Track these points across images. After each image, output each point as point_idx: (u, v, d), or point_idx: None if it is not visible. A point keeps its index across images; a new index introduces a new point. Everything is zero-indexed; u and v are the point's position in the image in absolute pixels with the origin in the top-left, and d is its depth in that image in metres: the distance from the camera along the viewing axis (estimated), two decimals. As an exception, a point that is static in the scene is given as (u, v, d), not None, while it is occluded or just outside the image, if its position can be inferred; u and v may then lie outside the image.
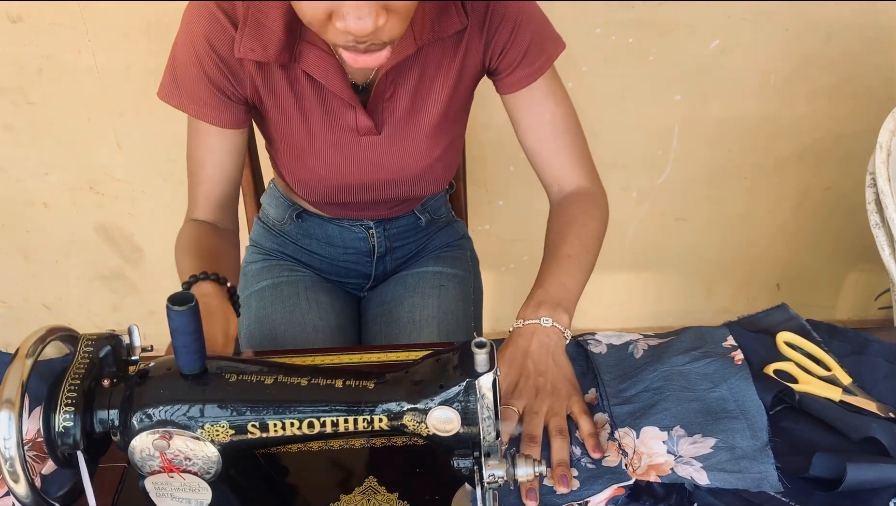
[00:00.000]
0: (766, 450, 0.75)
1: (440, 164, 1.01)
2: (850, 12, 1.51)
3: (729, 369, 0.83)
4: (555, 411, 0.79)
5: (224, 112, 0.92)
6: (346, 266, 1.19)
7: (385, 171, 1.00)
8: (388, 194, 1.04)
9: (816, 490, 0.73)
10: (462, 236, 1.27)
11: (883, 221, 1.14)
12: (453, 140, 1.02)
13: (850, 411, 0.81)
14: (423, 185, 1.03)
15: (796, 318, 0.93)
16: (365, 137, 0.96)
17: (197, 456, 0.64)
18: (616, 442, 0.77)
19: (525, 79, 0.94)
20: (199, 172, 0.97)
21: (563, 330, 0.85)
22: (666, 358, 0.85)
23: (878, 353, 0.87)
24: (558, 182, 0.99)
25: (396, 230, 1.17)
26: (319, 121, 0.94)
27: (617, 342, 0.90)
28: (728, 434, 0.76)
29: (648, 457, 0.75)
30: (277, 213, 1.18)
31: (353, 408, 0.64)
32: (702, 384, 0.82)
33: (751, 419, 0.77)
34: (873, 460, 0.73)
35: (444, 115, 0.97)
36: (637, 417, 0.79)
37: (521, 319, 0.86)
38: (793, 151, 1.70)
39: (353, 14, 0.69)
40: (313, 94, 0.92)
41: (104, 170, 1.67)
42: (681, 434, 0.77)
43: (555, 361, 0.83)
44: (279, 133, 0.97)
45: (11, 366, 0.60)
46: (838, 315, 1.98)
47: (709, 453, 0.75)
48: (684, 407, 0.79)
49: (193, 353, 0.63)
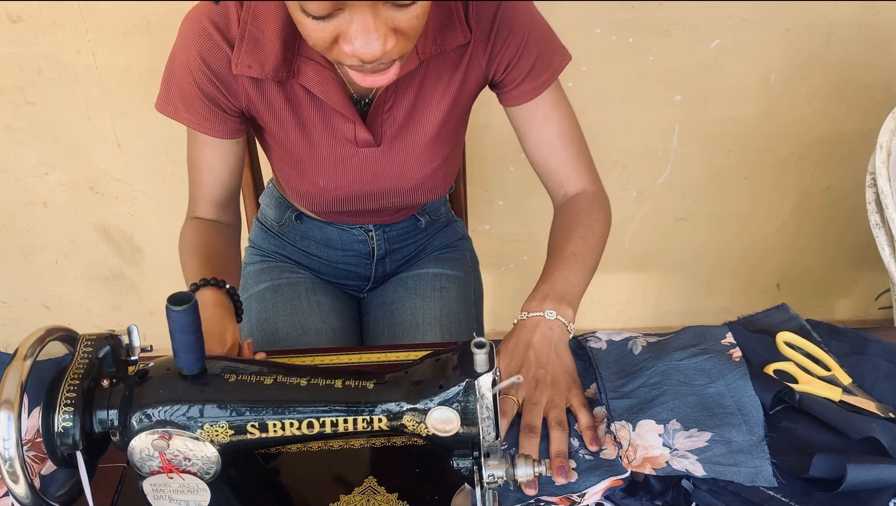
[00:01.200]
0: (762, 445, 0.75)
1: (439, 173, 1.01)
2: (851, 12, 1.51)
3: (726, 366, 0.83)
4: (554, 402, 0.79)
5: (219, 123, 0.93)
6: (346, 268, 1.19)
7: (384, 181, 0.99)
8: (387, 203, 1.04)
9: (817, 491, 0.73)
10: (462, 237, 1.26)
11: (883, 221, 1.14)
12: (453, 150, 1.02)
13: (849, 411, 0.81)
14: (423, 194, 1.03)
15: (796, 318, 0.93)
16: (364, 149, 0.96)
17: (196, 456, 0.64)
18: (612, 435, 0.77)
19: (531, 92, 0.94)
20: (198, 176, 0.98)
21: (566, 323, 0.85)
22: (664, 354, 0.85)
23: (878, 353, 0.87)
24: (564, 188, 1.00)
25: (396, 233, 1.17)
26: (318, 133, 0.94)
27: (617, 339, 0.90)
28: (724, 429, 0.76)
29: (644, 450, 0.75)
30: (276, 214, 1.18)
31: (352, 408, 0.64)
32: (699, 379, 0.82)
33: (747, 415, 0.78)
34: (873, 461, 0.73)
35: (444, 127, 0.96)
36: (634, 411, 0.79)
37: (525, 312, 0.86)
38: (792, 151, 1.70)
39: (362, 38, 0.69)
40: (311, 107, 0.92)
41: (104, 170, 1.67)
42: (677, 428, 0.77)
43: (556, 353, 0.83)
44: (277, 145, 0.97)
45: (10, 366, 0.60)
46: (838, 315, 1.98)
47: (704, 446, 0.75)
48: (681, 401, 0.79)
49: (193, 353, 0.63)
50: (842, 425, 0.78)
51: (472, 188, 1.70)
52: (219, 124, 0.93)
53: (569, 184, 0.99)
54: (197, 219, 1.00)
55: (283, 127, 0.94)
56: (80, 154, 1.64)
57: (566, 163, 0.98)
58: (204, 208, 1.00)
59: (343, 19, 0.69)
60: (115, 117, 1.59)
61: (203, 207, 1.00)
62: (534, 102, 0.95)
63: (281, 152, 0.98)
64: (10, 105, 1.56)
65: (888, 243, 1.14)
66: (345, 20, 0.69)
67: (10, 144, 1.62)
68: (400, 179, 1.00)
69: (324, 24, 0.69)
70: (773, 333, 0.90)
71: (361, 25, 0.68)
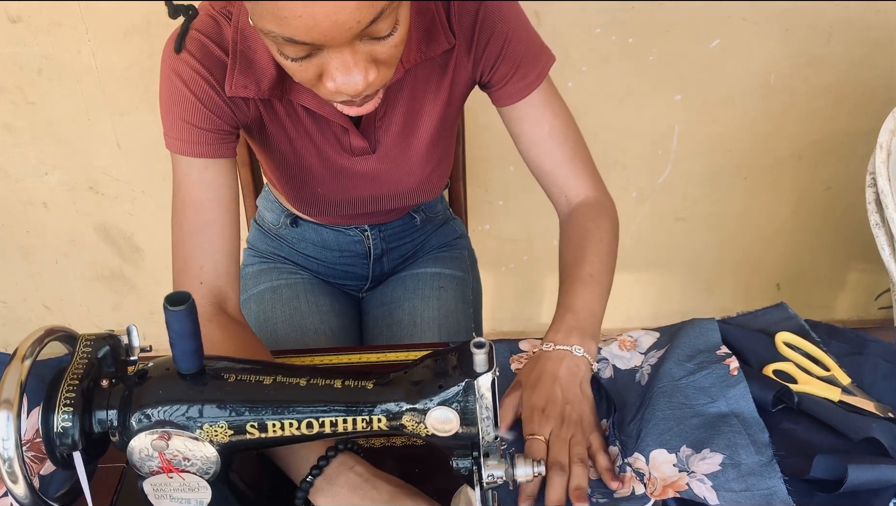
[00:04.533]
0: (773, 464, 0.74)
1: (435, 174, 1.02)
2: (851, 12, 1.51)
3: (725, 382, 0.82)
4: (577, 440, 0.78)
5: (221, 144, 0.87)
6: (343, 269, 1.19)
7: (380, 187, 0.99)
8: (383, 207, 1.04)
9: (817, 491, 0.72)
10: (460, 235, 1.26)
11: (883, 221, 1.14)
12: (446, 149, 1.02)
13: (849, 411, 0.81)
14: (418, 195, 1.03)
15: (795, 318, 0.93)
16: (359, 157, 0.95)
17: (196, 456, 0.64)
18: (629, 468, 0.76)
19: (520, 91, 0.93)
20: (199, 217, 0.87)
21: (591, 361, 0.84)
22: (663, 373, 0.83)
23: (878, 353, 0.87)
24: (565, 194, 0.97)
25: (392, 232, 1.17)
26: (312, 143, 0.94)
27: (622, 366, 0.88)
28: (733, 450, 0.75)
29: (662, 480, 0.74)
30: (272, 217, 1.18)
31: (351, 408, 0.64)
32: (700, 399, 0.81)
33: (753, 436, 0.77)
34: (874, 461, 0.73)
35: (437, 131, 0.96)
36: (643, 438, 0.78)
37: (551, 344, 0.84)
38: (792, 150, 1.70)
39: (342, 75, 0.69)
40: (306, 118, 0.91)
41: (104, 170, 1.67)
42: (688, 453, 0.76)
43: (582, 391, 0.82)
44: (272, 155, 0.96)
45: (10, 366, 0.60)
46: (838, 315, 1.98)
47: (717, 470, 0.74)
48: (686, 425, 0.78)
49: (191, 352, 0.63)
50: (842, 425, 0.78)
51: (472, 188, 1.70)
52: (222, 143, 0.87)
53: (569, 189, 0.97)
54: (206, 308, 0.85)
55: (278, 139, 0.93)
56: (80, 154, 1.64)
57: (562, 164, 0.96)
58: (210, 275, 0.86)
59: (322, 58, 0.69)
60: (115, 117, 1.59)
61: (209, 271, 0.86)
62: (525, 102, 0.93)
63: (275, 162, 0.97)
64: (10, 105, 1.56)
65: (888, 243, 1.14)
66: (324, 59, 0.69)
67: (10, 143, 1.62)
68: (396, 184, 1.00)
69: (305, 63, 0.69)
70: (771, 333, 0.90)
71: (341, 63, 0.68)
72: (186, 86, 0.84)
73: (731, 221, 1.81)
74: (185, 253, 0.87)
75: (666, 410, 0.80)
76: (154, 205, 1.73)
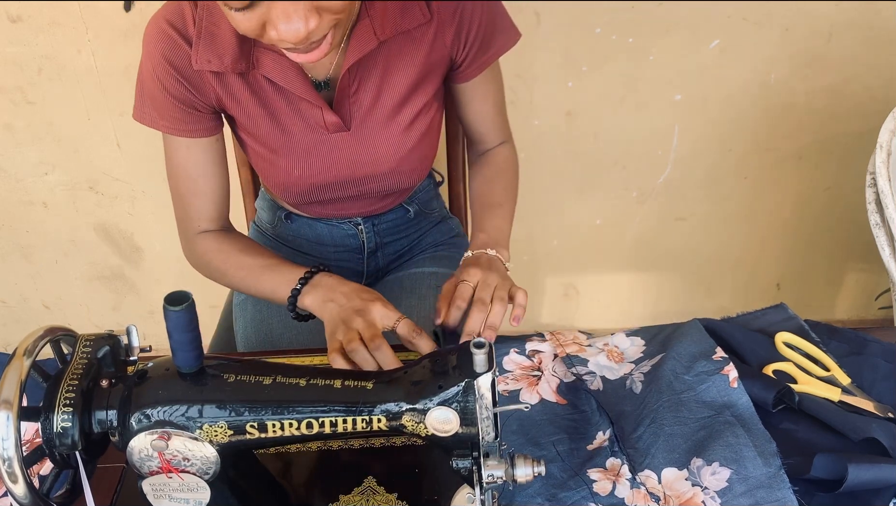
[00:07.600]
0: (781, 475, 0.74)
1: (414, 154, 1.02)
2: (851, 12, 1.51)
3: (727, 394, 0.81)
4: (500, 286, 0.88)
5: (196, 123, 0.94)
6: (339, 264, 1.19)
7: (359, 166, 1.00)
8: (365, 189, 1.04)
9: (818, 491, 0.72)
10: (457, 234, 1.26)
11: (883, 221, 1.14)
12: (427, 130, 1.02)
13: (848, 411, 0.81)
14: (400, 177, 1.04)
15: (794, 318, 0.93)
16: (335, 135, 0.97)
17: (195, 456, 0.64)
18: (642, 488, 0.75)
19: (480, 68, 0.99)
20: (193, 186, 0.99)
21: (503, 261, 0.96)
22: (664, 386, 0.83)
23: (877, 353, 0.87)
24: (484, 142, 1.11)
25: (385, 225, 1.17)
26: (287, 122, 0.95)
27: (611, 377, 0.88)
28: (741, 464, 0.75)
29: (677, 498, 0.74)
30: (268, 216, 1.19)
31: (351, 408, 0.64)
32: (703, 412, 0.81)
33: (760, 446, 0.76)
34: (874, 461, 0.73)
35: (413, 107, 0.98)
36: (653, 455, 0.77)
37: (470, 252, 0.96)
38: (793, 150, 1.69)
39: (283, 23, 0.71)
40: (277, 97, 0.93)
41: (104, 170, 1.67)
42: (699, 464, 0.76)
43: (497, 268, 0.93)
44: (249, 138, 0.99)
45: (10, 366, 0.60)
46: (838, 315, 1.98)
47: (726, 486, 0.74)
48: (694, 439, 0.78)
49: (190, 351, 0.63)
50: (841, 425, 0.78)
51: (472, 188, 1.70)
52: (195, 124, 0.94)
53: (490, 141, 1.10)
54: (208, 232, 1.01)
55: (252, 119, 0.95)
56: (80, 154, 1.64)
57: (494, 127, 1.09)
58: (209, 220, 1.00)
59: (264, 7, 0.71)
60: (115, 117, 1.59)
61: (207, 218, 1.00)
62: (480, 78, 1.01)
63: (254, 145, 0.99)
64: (10, 105, 1.56)
65: (888, 243, 1.14)
66: (266, 7, 0.71)
67: (10, 143, 1.62)
68: (374, 163, 1.01)
69: (249, 14, 0.72)
70: (771, 333, 0.90)
71: (282, 11, 0.71)
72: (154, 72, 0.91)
73: (731, 221, 1.81)
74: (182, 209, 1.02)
75: (674, 425, 0.79)
76: (154, 205, 1.73)
